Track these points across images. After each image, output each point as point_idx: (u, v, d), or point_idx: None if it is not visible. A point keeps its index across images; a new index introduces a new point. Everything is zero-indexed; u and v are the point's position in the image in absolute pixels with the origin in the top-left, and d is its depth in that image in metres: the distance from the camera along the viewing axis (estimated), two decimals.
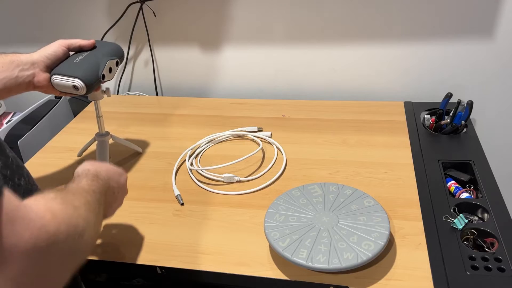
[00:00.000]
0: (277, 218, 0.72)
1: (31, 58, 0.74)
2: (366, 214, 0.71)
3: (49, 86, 0.77)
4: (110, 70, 0.82)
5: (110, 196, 0.61)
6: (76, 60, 0.78)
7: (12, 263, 0.34)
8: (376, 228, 0.68)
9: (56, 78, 0.75)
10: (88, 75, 0.77)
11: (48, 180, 0.93)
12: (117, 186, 0.64)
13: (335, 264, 0.62)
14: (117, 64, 0.84)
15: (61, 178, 0.93)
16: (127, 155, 0.99)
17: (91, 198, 0.52)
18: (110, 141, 0.95)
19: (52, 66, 0.77)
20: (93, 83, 0.78)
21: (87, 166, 0.60)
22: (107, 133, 0.94)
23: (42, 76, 0.75)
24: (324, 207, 0.73)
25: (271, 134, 1.01)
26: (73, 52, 0.82)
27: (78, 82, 0.75)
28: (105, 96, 0.88)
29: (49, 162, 0.99)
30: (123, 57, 0.87)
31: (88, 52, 0.81)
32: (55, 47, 0.77)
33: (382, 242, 0.65)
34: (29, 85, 0.74)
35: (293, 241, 0.67)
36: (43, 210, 0.39)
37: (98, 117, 0.91)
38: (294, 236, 0.68)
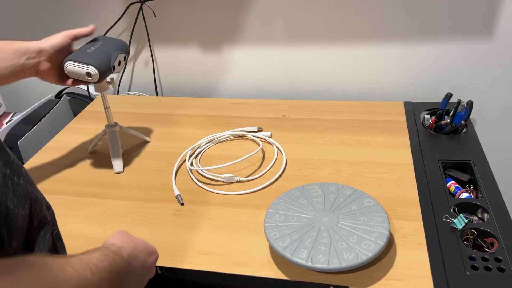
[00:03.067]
0: (277, 218, 0.72)
1: (38, 46, 0.77)
2: (366, 214, 0.71)
3: (50, 75, 0.80)
4: (119, 63, 0.86)
5: (131, 277, 0.55)
6: (89, 50, 0.83)
7: None
8: (376, 228, 0.68)
9: (70, 65, 0.79)
10: (101, 64, 0.81)
11: (48, 180, 0.93)
12: (141, 266, 0.58)
13: (335, 264, 0.62)
14: (124, 59, 0.88)
15: (61, 178, 0.93)
16: (127, 155, 0.99)
17: (92, 275, 0.46)
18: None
19: (55, 57, 0.79)
20: (105, 72, 0.82)
21: (115, 239, 0.57)
22: (116, 124, 0.96)
23: (46, 65, 0.78)
24: (324, 207, 0.73)
25: (271, 134, 1.01)
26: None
27: (92, 69, 0.79)
28: (110, 87, 0.90)
29: (49, 162, 0.99)
30: (129, 53, 0.91)
31: (100, 44, 0.85)
32: (61, 38, 0.80)
33: (382, 242, 0.65)
34: (33, 72, 0.77)
35: (293, 241, 0.67)
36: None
37: (106, 108, 0.94)
38: (294, 236, 0.68)
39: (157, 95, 1.30)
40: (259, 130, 1.02)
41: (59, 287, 0.40)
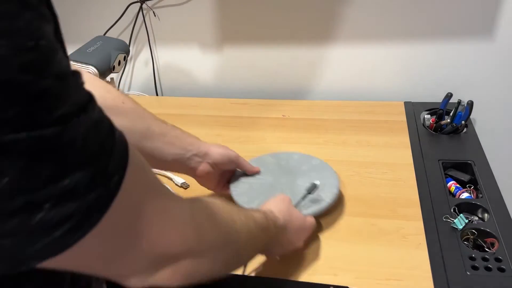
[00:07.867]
0: (241, 186, 0.77)
1: (207, 149, 0.74)
2: (316, 171, 0.79)
3: (208, 179, 0.76)
4: (119, 63, 0.87)
5: (276, 244, 0.61)
6: (89, 50, 0.83)
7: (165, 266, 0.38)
8: (328, 180, 0.76)
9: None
10: (101, 64, 0.81)
11: None
12: (287, 241, 0.63)
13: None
14: (124, 59, 0.89)
15: None
16: None
17: (255, 227, 0.52)
18: None
19: (219, 165, 0.75)
20: (105, 72, 0.83)
21: (273, 207, 0.61)
22: None
23: (206, 169, 0.74)
24: (280, 171, 0.81)
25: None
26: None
27: (92, 69, 0.79)
28: None
29: None
30: (129, 53, 0.91)
31: (100, 44, 0.85)
32: (231, 154, 0.76)
33: (336, 190, 0.74)
34: (192, 170, 0.74)
35: (261, 202, 0.66)
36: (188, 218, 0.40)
37: None
38: (261, 197, 0.72)
39: (157, 95, 1.30)
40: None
41: (232, 237, 0.47)
